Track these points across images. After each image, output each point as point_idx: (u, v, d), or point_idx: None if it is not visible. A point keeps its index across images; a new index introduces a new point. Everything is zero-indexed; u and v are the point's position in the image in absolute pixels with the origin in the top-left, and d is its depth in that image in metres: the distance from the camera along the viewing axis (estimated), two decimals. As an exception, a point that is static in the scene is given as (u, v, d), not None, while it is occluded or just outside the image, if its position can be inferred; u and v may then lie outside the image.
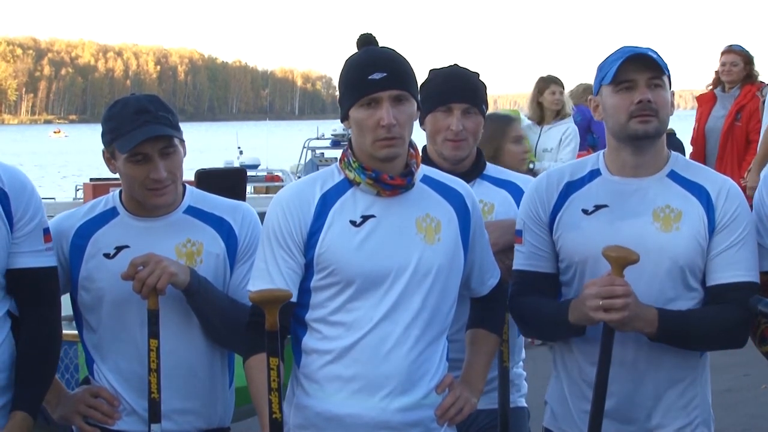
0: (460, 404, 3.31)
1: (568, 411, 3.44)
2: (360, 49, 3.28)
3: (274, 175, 24.74)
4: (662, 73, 3.30)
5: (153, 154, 3.40)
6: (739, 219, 3.32)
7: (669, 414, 3.35)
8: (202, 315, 3.46)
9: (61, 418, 3.59)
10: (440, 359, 3.31)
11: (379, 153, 3.20)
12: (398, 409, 3.21)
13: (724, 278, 3.29)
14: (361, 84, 3.19)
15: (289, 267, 3.24)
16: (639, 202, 3.33)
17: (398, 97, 3.19)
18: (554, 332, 3.43)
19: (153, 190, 3.43)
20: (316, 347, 3.25)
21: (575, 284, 3.38)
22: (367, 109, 3.19)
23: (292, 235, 3.24)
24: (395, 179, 3.24)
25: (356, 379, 3.21)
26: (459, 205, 3.34)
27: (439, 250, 3.26)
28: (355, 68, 3.23)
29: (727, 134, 9.52)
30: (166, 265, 3.36)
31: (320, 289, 3.25)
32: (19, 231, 3.32)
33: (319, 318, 3.25)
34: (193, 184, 3.70)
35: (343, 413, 3.22)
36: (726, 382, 8.04)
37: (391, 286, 3.22)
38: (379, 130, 3.17)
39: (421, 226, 3.26)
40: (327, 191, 3.28)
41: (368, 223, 3.23)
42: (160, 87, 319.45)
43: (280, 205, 3.29)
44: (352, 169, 3.26)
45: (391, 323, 3.21)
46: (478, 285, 3.47)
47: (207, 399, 3.55)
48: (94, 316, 3.53)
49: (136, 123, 3.39)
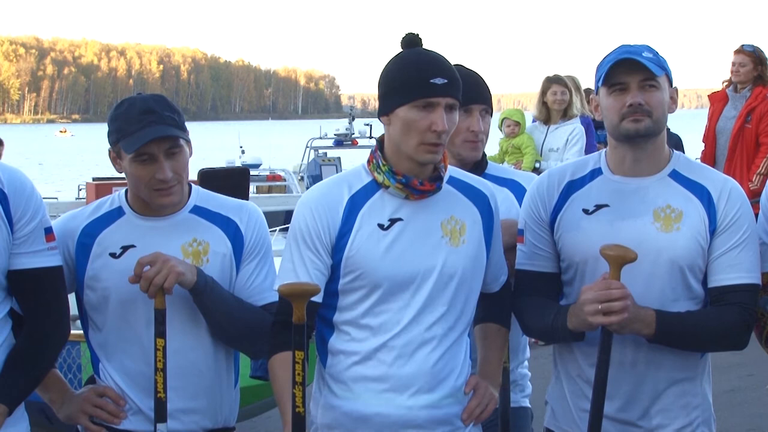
0: (484, 403, 3.35)
1: (568, 410, 3.45)
2: (405, 48, 3.27)
3: (276, 174, 24.75)
4: (656, 74, 3.27)
5: (158, 155, 3.40)
6: (741, 220, 3.31)
7: (669, 414, 3.35)
8: (209, 314, 3.46)
9: (67, 417, 3.59)
10: (464, 357, 3.35)
11: (421, 157, 3.20)
12: (424, 406, 3.24)
13: (726, 280, 3.29)
14: (421, 85, 3.17)
15: (316, 268, 3.25)
16: (639, 202, 3.33)
17: (452, 106, 3.20)
18: (553, 337, 3.43)
19: (158, 191, 3.43)
20: (343, 348, 3.28)
21: (576, 284, 3.38)
22: (420, 110, 3.17)
23: (320, 236, 3.25)
24: (425, 185, 3.25)
25: (383, 379, 3.23)
26: (484, 206, 3.36)
27: (463, 253, 3.28)
28: (414, 68, 3.19)
29: (737, 136, 9.51)
30: (174, 264, 3.36)
31: (348, 291, 3.26)
32: (19, 231, 3.30)
33: (348, 320, 3.27)
34: (196, 184, 3.70)
35: (370, 413, 3.24)
36: (730, 382, 8.04)
37: (418, 290, 3.24)
38: (429, 134, 3.17)
39: (446, 228, 3.28)
40: (355, 193, 3.28)
41: (395, 226, 3.25)
42: (163, 86, 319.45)
43: (308, 206, 3.28)
44: (381, 171, 3.26)
45: (418, 325, 3.24)
46: (492, 282, 3.48)
47: (212, 398, 3.55)
48: (100, 316, 3.53)
49: (142, 123, 3.39)
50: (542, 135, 9.86)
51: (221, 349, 3.55)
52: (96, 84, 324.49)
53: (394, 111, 3.21)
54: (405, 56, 3.25)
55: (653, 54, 3.30)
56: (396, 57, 3.26)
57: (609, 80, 3.29)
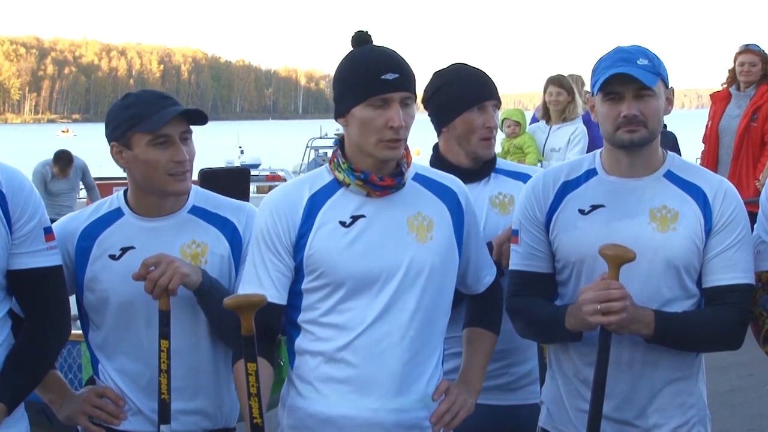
0: (455, 409, 3.28)
1: (564, 410, 3.44)
2: (356, 46, 3.24)
3: (276, 174, 24.73)
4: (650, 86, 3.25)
5: (175, 137, 3.41)
6: (736, 220, 3.31)
7: (665, 413, 3.35)
8: (213, 315, 3.45)
9: (67, 418, 3.59)
10: (437, 361, 3.30)
11: (381, 154, 3.18)
12: (392, 410, 3.20)
13: (722, 280, 3.29)
14: (372, 83, 3.14)
15: (278, 270, 3.24)
16: (636, 203, 3.33)
17: (407, 100, 3.18)
18: (551, 337, 3.43)
19: (174, 176, 3.42)
20: (309, 348, 3.25)
21: (572, 284, 3.38)
22: (375, 108, 3.15)
23: (280, 237, 3.23)
24: (385, 180, 3.22)
25: (349, 380, 3.20)
26: (452, 203, 3.33)
27: (432, 249, 3.24)
28: (365, 66, 3.17)
29: (743, 135, 9.50)
30: (178, 265, 3.35)
31: (311, 291, 3.24)
32: (18, 231, 3.29)
33: (311, 320, 3.25)
34: (197, 184, 3.70)
35: (336, 414, 3.21)
36: (730, 382, 8.03)
37: (384, 287, 3.20)
38: (387, 131, 3.15)
39: (413, 224, 3.24)
40: (316, 192, 3.25)
41: (358, 223, 3.21)
42: (164, 86, 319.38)
43: (268, 207, 3.27)
44: (341, 170, 3.24)
45: (385, 324, 3.19)
46: (474, 282, 3.46)
47: (213, 400, 3.55)
48: (99, 317, 3.53)
49: (160, 105, 3.41)
50: (544, 135, 9.86)
51: (221, 349, 3.55)
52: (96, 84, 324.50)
53: (350, 111, 3.19)
54: (355, 55, 3.22)
55: (648, 59, 3.27)
56: (346, 56, 3.24)
57: (604, 89, 3.27)
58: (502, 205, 3.87)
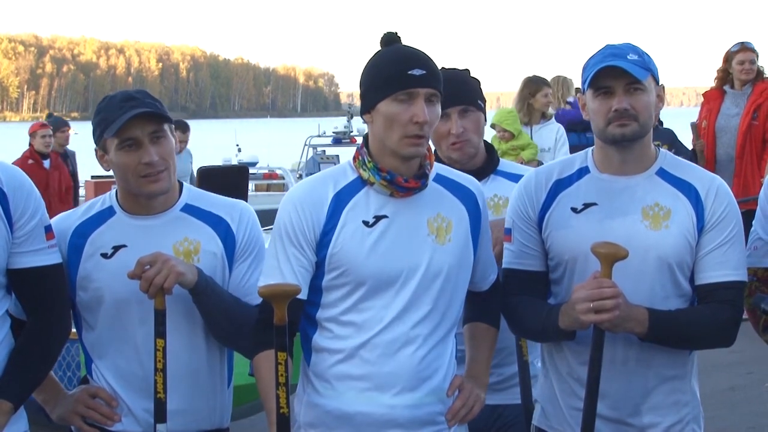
0: (470, 404, 3.33)
1: (558, 409, 3.45)
2: (385, 47, 3.27)
3: (274, 172, 24.69)
4: (641, 79, 3.26)
5: (143, 139, 3.40)
6: (728, 218, 3.32)
7: (659, 412, 3.36)
8: (208, 314, 3.45)
9: (60, 418, 3.59)
10: (450, 357, 3.33)
11: (404, 150, 3.19)
12: (408, 406, 3.23)
13: (714, 277, 3.30)
14: (399, 78, 3.16)
15: (300, 265, 3.25)
16: (628, 200, 3.34)
17: (432, 97, 3.19)
18: (544, 336, 3.44)
19: (146, 177, 3.42)
20: (327, 346, 3.27)
21: (565, 282, 3.39)
22: (401, 103, 3.16)
23: (305, 233, 3.24)
24: (410, 182, 3.24)
25: (366, 377, 3.23)
26: (471, 203, 3.36)
27: (449, 251, 3.27)
28: (392, 62, 3.20)
29: (746, 133, 9.51)
30: (174, 264, 3.35)
31: (332, 288, 3.25)
32: (19, 230, 3.30)
33: (330, 317, 3.26)
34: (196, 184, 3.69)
35: (352, 411, 3.23)
36: (729, 381, 8.03)
37: (402, 287, 3.23)
38: (411, 126, 3.16)
39: (433, 226, 3.27)
40: (340, 190, 3.27)
41: (381, 223, 3.24)
42: (162, 84, 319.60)
43: (292, 203, 3.27)
44: (366, 168, 3.26)
45: (402, 323, 3.22)
46: (480, 280, 3.47)
47: (207, 399, 3.55)
48: (93, 316, 3.52)
49: (123, 109, 3.41)
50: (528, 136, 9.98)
51: (215, 349, 3.55)
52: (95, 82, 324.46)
53: (375, 107, 3.21)
54: (383, 53, 3.26)
55: (638, 55, 3.29)
56: (375, 55, 3.27)
57: (594, 84, 3.28)
58: (496, 207, 3.92)
